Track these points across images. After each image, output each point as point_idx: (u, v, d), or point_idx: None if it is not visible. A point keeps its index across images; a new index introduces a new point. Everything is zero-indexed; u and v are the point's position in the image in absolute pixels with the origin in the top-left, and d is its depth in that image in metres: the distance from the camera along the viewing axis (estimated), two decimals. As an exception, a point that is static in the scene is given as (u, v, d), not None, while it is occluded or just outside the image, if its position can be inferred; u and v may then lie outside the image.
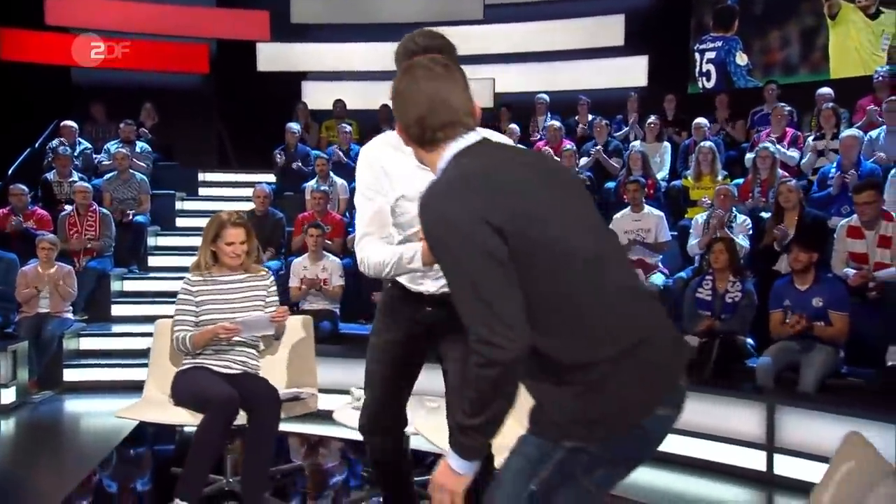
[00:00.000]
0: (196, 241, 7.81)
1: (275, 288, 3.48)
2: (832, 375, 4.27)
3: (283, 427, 4.42)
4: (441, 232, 1.54)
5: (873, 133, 6.23)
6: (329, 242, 6.30)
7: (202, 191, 8.95)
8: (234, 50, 9.74)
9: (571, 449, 1.54)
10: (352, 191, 7.33)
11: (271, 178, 8.62)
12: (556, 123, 7.71)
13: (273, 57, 9.94)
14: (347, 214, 7.13)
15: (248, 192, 8.86)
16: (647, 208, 5.96)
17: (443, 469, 1.59)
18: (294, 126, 8.31)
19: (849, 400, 4.01)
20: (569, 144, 7.38)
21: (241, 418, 3.06)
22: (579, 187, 1.77)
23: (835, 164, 5.91)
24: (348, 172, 7.85)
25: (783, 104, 7.05)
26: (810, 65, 8.07)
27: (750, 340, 4.69)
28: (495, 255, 1.49)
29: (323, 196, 6.81)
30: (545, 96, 8.47)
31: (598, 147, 7.36)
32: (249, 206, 8.50)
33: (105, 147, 8.14)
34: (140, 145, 8.15)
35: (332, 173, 7.47)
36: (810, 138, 6.61)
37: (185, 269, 7.26)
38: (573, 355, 1.54)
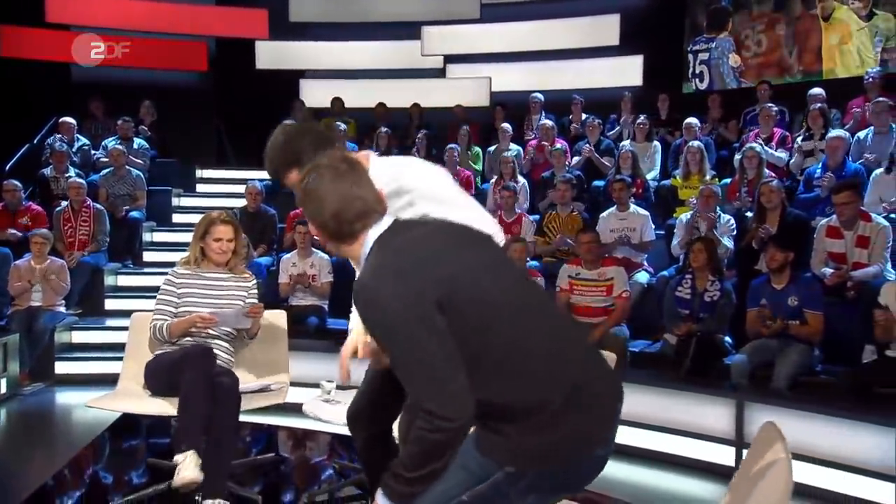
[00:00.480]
0: (191, 237, 8.03)
1: (256, 291, 3.57)
2: (806, 373, 4.30)
3: (266, 420, 4.58)
4: (379, 317, 1.61)
5: (861, 134, 6.25)
6: (318, 238, 6.36)
7: (200, 187, 9.04)
8: (232, 48, 9.83)
9: (512, 473, 1.63)
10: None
11: (264, 174, 8.70)
12: (549, 122, 7.74)
13: (271, 55, 10.03)
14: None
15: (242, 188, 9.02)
16: (633, 207, 5.99)
17: None
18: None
19: (819, 397, 4.04)
20: (560, 143, 7.41)
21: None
22: (490, 242, 1.85)
23: (820, 165, 5.93)
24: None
25: (771, 105, 7.08)
26: (804, 66, 8.08)
27: (728, 339, 4.73)
28: (435, 329, 1.57)
29: (314, 193, 6.88)
30: (539, 95, 8.51)
31: (590, 146, 7.39)
32: (244, 202, 8.66)
33: (103, 144, 8.23)
34: (138, 142, 8.24)
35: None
36: (799, 139, 6.63)
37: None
38: (519, 401, 1.63)
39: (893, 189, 5.29)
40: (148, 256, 7.51)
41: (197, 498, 3.01)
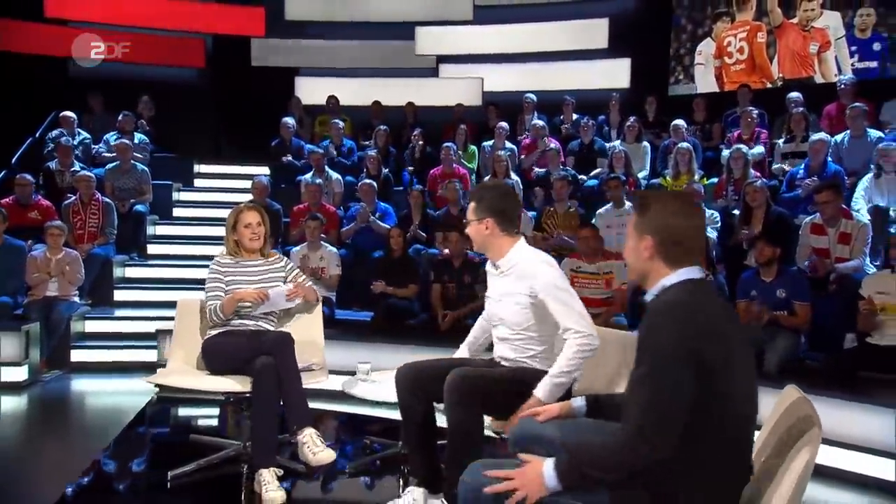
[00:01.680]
0: (192, 230, 8.21)
1: (291, 265, 3.85)
2: (794, 359, 4.66)
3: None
4: (651, 342, 1.76)
5: (837, 138, 6.65)
6: (323, 235, 6.59)
7: (198, 182, 9.20)
8: (228, 45, 9.98)
9: None
10: (345, 184, 7.72)
11: (265, 170, 8.90)
12: (540, 122, 8.05)
13: (266, 52, 10.19)
14: (341, 208, 7.44)
15: (243, 183, 9.16)
16: (627, 204, 6.31)
17: (534, 469, 1.83)
18: (289, 121, 8.58)
19: (806, 380, 4.38)
20: (553, 143, 7.72)
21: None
22: (748, 344, 1.94)
23: (803, 166, 6.31)
24: (341, 167, 8.16)
25: (752, 108, 7.47)
26: (784, 73, 8.50)
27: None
28: (684, 383, 1.71)
29: (318, 189, 7.11)
30: (532, 96, 8.80)
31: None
32: (244, 197, 8.80)
33: (104, 138, 8.35)
34: (138, 137, 8.38)
35: (326, 167, 7.76)
36: (780, 141, 7.02)
37: (182, 258, 7.65)
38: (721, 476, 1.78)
39: (885, 195, 5.66)
40: (152, 249, 7.68)
41: (244, 468, 3.26)
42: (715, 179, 6.92)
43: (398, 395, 2.98)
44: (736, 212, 6.12)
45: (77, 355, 6.03)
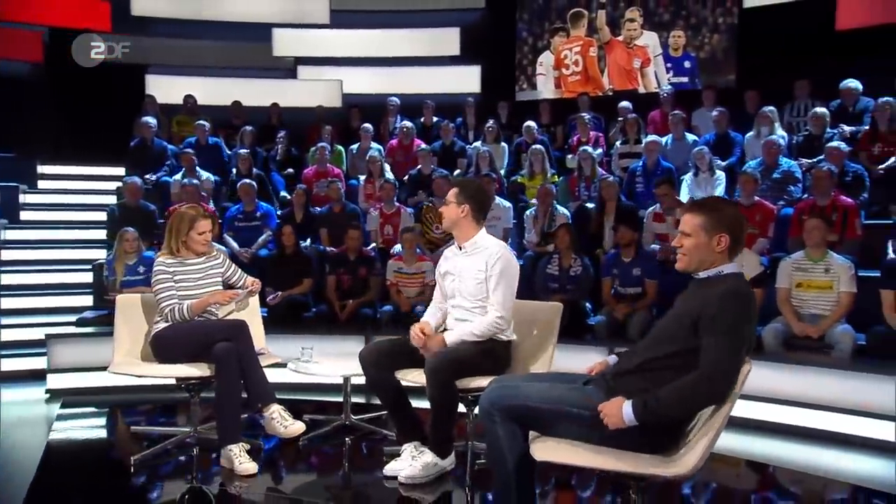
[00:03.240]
0: (42, 234, 7.75)
1: (228, 261, 4.03)
2: (649, 326, 5.54)
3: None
4: (733, 309, 2.31)
5: (662, 140, 7.80)
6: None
7: (42, 184, 8.70)
8: (69, 39, 9.44)
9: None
10: (216, 183, 7.71)
11: (117, 170, 8.61)
12: (408, 123, 8.56)
13: (112, 48, 9.76)
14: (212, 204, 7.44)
15: (92, 185, 8.83)
16: (498, 199, 6.98)
17: (616, 405, 2.33)
18: (150, 120, 8.37)
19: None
20: (423, 144, 8.25)
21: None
22: None
23: (641, 164, 7.36)
24: (207, 166, 8.09)
25: (585, 114, 8.50)
26: (614, 84, 9.68)
27: (588, 304, 5.89)
28: (746, 340, 2.34)
29: (195, 189, 7.09)
30: (396, 99, 9.28)
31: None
32: (96, 199, 8.49)
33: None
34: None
35: (197, 167, 7.72)
36: (618, 142, 8.08)
37: (35, 262, 7.26)
38: None
39: (703, 189, 6.77)
40: (5, 255, 7.21)
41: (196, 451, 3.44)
42: (561, 178, 7.81)
43: (365, 372, 3.39)
44: (589, 205, 7.02)
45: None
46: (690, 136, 7.77)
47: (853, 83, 7.26)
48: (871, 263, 5.34)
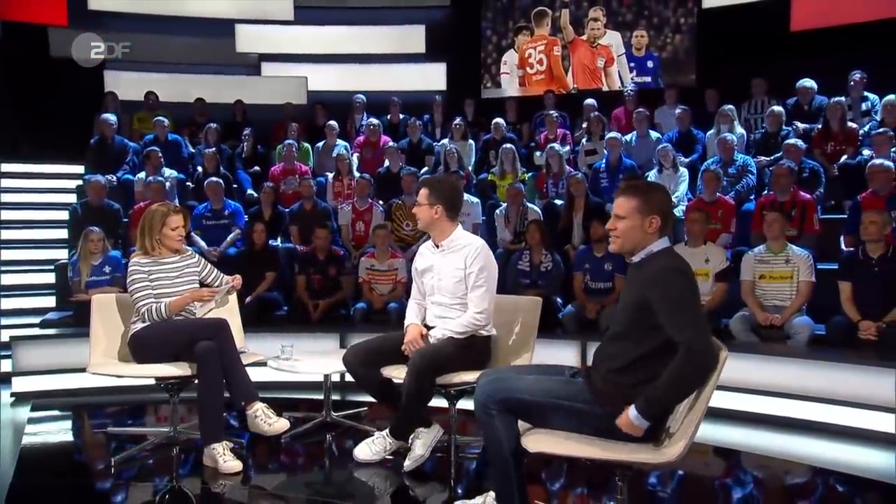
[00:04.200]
0: (1, 234, 7.56)
1: (203, 260, 4.00)
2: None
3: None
4: (676, 284, 2.41)
5: (627, 137, 7.96)
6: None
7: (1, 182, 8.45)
8: (23, 33, 9.19)
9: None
10: (179, 181, 7.61)
11: (76, 169, 8.44)
12: (375, 121, 8.55)
13: (67, 43, 9.52)
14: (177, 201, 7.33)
15: (51, 183, 8.63)
16: (466, 196, 7.04)
17: (626, 417, 2.41)
18: (111, 117, 8.20)
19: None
20: (391, 142, 8.26)
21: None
22: None
23: (604, 160, 7.50)
24: (168, 163, 7.94)
25: (553, 111, 8.62)
26: (578, 83, 9.82)
27: (559, 298, 5.99)
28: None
29: (161, 187, 6.98)
30: (362, 96, 9.26)
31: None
32: (56, 198, 8.30)
33: None
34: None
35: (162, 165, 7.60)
36: (583, 139, 8.21)
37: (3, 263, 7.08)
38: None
39: (667, 185, 6.92)
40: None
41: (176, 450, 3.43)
42: (530, 175, 7.91)
43: (351, 371, 3.43)
44: (557, 202, 7.13)
45: None
46: (654, 134, 7.94)
47: (808, 82, 7.52)
48: (828, 256, 5.55)
